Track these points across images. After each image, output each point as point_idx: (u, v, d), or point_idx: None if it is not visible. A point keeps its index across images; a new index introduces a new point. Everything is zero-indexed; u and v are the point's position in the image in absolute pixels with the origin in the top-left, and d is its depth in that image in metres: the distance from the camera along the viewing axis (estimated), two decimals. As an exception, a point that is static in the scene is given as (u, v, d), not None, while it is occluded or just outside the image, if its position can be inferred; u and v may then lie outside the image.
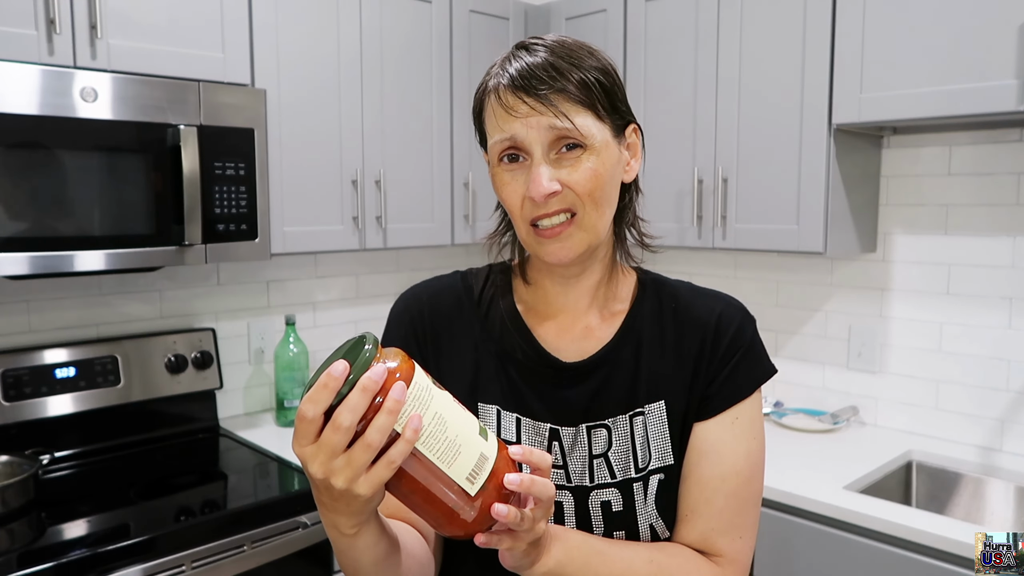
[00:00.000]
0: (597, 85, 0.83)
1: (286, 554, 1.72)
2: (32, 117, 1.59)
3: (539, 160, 0.82)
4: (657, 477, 0.88)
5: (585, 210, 0.83)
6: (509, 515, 0.68)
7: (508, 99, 0.82)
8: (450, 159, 2.39)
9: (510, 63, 0.83)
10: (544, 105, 0.80)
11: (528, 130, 0.81)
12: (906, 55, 1.81)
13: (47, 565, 1.42)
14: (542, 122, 0.81)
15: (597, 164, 0.83)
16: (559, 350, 0.92)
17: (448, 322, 0.94)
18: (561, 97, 0.81)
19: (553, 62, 0.82)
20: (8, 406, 1.87)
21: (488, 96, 0.85)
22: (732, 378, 0.90)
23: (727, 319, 0.92)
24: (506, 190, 0.85)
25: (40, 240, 1.62)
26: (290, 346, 2.30)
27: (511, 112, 0.82)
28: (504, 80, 0.83)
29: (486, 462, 0.68)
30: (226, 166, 1.85)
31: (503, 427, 0.89)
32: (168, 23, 1.80)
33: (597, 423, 0.89)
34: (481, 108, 0.87)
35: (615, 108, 0.85)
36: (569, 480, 0.88)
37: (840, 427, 2.22)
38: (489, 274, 0.98)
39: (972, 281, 2.07)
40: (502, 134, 0.83)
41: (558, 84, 0.81)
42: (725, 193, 2.17)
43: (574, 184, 0.82)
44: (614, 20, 2.38)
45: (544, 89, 0.80)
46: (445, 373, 0.92)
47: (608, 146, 0.84)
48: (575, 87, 0.81)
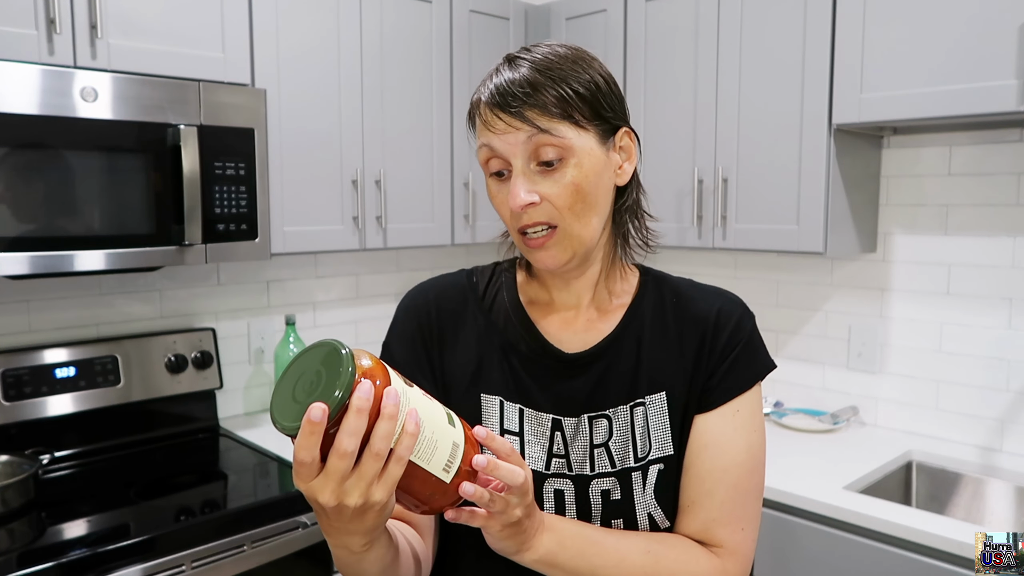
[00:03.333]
0: (575, 97, 0.84)
1: (286, 554, 1.72)
2: (32, 117, 1.59)
3: (517, 173, 0.85)
4: (656, 467, 0.90)
5: (565, 222, 0.86)
6: (475, 493, 0.71)
7: (487, 115, 0.86)
8: (450, 159, 2.39)
9: (492, 79, 0.87)
10: (519, 120, 0.83)
11: (506, 145, 0.84)
12: (906, 55, 1.81)
13: (47, 565, 1.42)
14: (518, 137, 0.84)
15: (577, 175, 0.85)
16: (562, 342, 0.94)
17: (453, 317, 0.97)
18: (535, 112, 0.83)
19: (531, 78, 0.84)
20: (8, 406, 1.87)
21: (474, 111, 0.89)
22: (732, 371, 0.91)
23: (726, 314, 0.93)
24: (495, 202, 0.90)
25: (40, 240, 1.62)
26: (290, 346, 2.30)
27: (489, 128, 0.85)
28: (485, 96, 0.86)
29: (458, 449, 0.72)
30: (226, 166, 1.85)
31: (506, 417, 0.91)
32: (168, 23, 1.80)
33: (598, 413, 0.91)
34: (472, 121, 0.90)
35: (598, 115, 0.87)
36: (570, 469, 0.90)
37: (840, 427, 2.22)
38: (495, 270, 1.01)
39: (972, 281, 2.07)
40: (484, 146, 0.87)
41: (532, 100, 0.83)
42: (725, 193, 2.17)
43: (553, 198, 0.85)
44: (614, 20, 2.38)
45: (517, 105, 0.83)
46: (449, 366, 0.94)
47: (591, 154, 0.86)
48: (552, 102, 0.83)
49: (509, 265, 1.01)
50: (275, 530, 1.71)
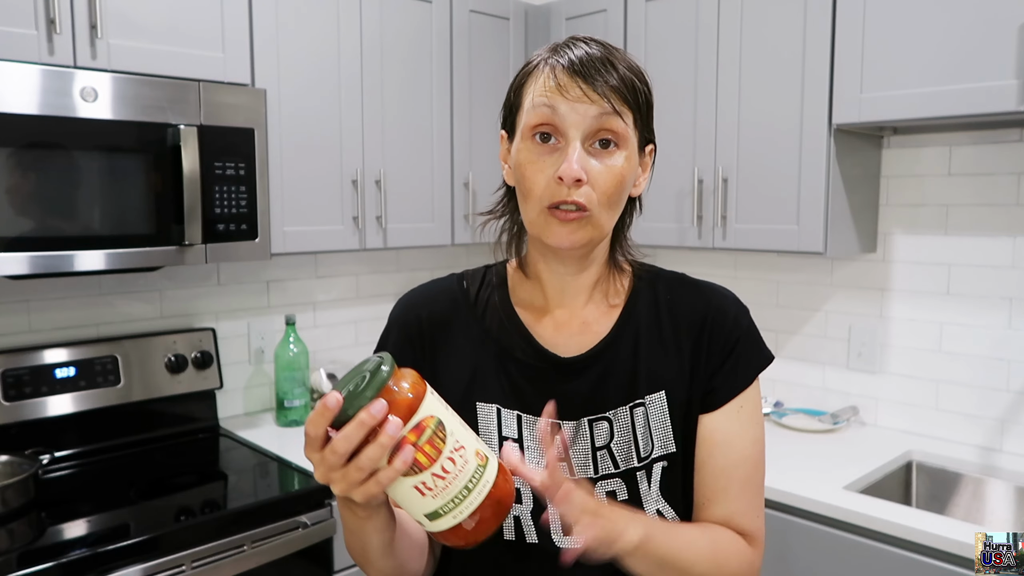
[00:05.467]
0: (643, 93, 0.87)
1: (286, 554, 1.72)
2: (32, 117, 1.59)
3: (575, 144, 0.83)
4: (660, 465, 0.91)
5: (598, 208, 0.85)
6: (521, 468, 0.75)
7: (563, 79, 0.83)
8: (450, 159, 2.39)
9: (568, 49, 0.85)
10: (597, 94, 0.83)
11: (574, 114, 0.83)
12: (906, 55, 1.81)
13: (47, 565, 1.42)
14: (590, 110, 0.83)
15: (625, 166, 0.86)
16: (557, 346, 0.93)
17: (444, 325, 0.96)
18: (613, 92, 0.83)
19: (613, 62, 0.84)
20: (8, 406, 1.87)
21: (538, 70, 0.86)
22: (734, 369, 0.92)
23: (721, 311, 0.94)
24: (531, 168, 0.85)
25: (40, 240, 1.62)
26: (290, 346, 2.30)
27: (563, 92, 0.83)
28: (563, 61, 0.84)
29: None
30: (226, 166, 1.85)
31: (504, 425, 0.91)
32: (168, 23, 1.80)
33: (598, 416, 0.91)
34: (524, 82, 0.88)
35: (646, 121, 0.89)
36: (572, 474, 0.90)
37: (840, 427, 2.22)
38: (485, 275, 1.00)
39: (972, 281, 2.07)
40: (546, 107, 0.83)
41: (613, 80, 0.83)
42: (725, 193, 2.17)
43: (599, 181, 0.84)
44: (614, 20, 2.38)
45: (601, 78, 0.83)
46: (442, 376, 0.93)
47: (634, 154, 0.88)
48: (628, 89, 0.85)
49: (500, 268, 1.00)
50: (275, 530, 1.71)
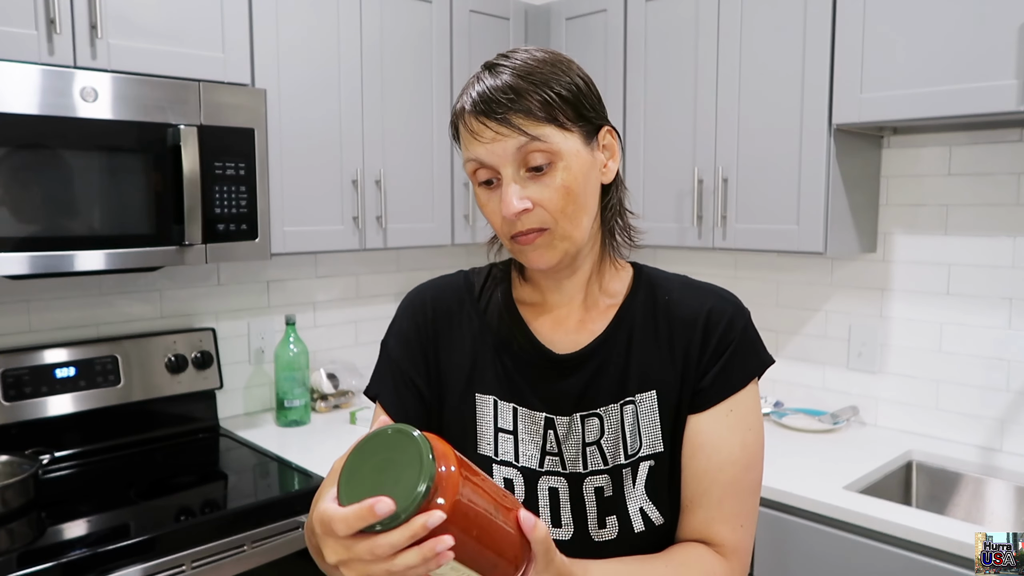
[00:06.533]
0: (558, 100, 0.85)
1: (286, 554, 1.72)
2: (32, 117, 1.59)
3: (508, 180, 0.85)
4: (647, 463, 0.91)
5: (558, 225, 0.86)
6: None
7: (472, 125, 0.85)
8: (450, 159, 2.39)
9: (473, 87, 0.86)
10: (508, 128, 0.83)
11: (494, 156, 0.84)
12: (906, 55, 1.81)
13: (47, 565, 1.42)
14: (507, 146, 0.84)
15: (567, 178, 0.85)
16: (553, 342, 0.95)
17: (449, 318, 0.99)
18: (521, 117, 0.83)
19: (514, 84, 0.84)
20: (8, 406, 1.87)
21: (457, 121, 0.89)
22: (725, 372, 0.91)
23: (718, 313, 0.93)
24: (486, 210, 0.89)
25: (40, 240, 1.62)
26: (290, 346, 2.30)
27: (476, 137, 0.85)
28: (468, 104, 0.86)
29: None
30: (226, 166, 1.85)
31: (500, 416, 0.93)
32: (168, 23, 1.80)
33: (590, 412, 0.92)
34: (456, 132, 0.90)
35: (581, 116, 0.87)
36: (564, 467, 0.91)
37: (840, 427, 2.22)
38: (490, 271, 1.03)
39: (972, 281, 2.07)
40: (469, 156, 0.87)
41: (517, 105, 0.83)
42: (725, 193, 2.17)
43: (545, 202, 0.85)
44: (614, 20, 2.38)
45: (502, 112, 0.83)
46: (445, 365, 0.96)
47: (578, 155, 0.87)
48: (537, 106, 0.84)
49: (504, 266, 1.03)
50: (275, 530, 1.71)
